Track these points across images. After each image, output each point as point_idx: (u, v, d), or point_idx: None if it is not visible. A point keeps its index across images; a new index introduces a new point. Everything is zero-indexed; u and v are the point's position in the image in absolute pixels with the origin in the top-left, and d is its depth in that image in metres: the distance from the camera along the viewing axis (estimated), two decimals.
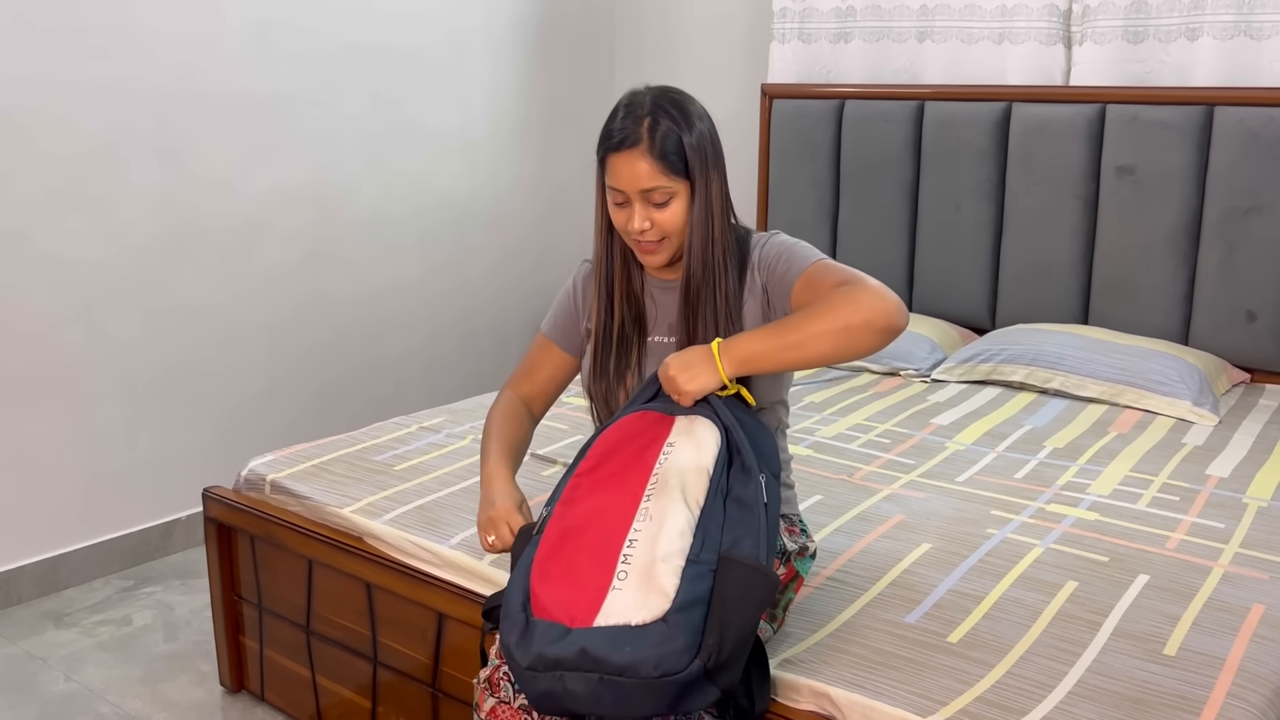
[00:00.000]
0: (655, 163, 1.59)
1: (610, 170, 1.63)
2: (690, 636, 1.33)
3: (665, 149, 1.60)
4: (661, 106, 1.62)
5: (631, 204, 1.63)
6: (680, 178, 1.61)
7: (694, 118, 1.64)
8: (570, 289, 1.87)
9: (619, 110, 1.64)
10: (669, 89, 1.67)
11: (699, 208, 1.64)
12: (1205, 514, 2.15)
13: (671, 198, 1.62)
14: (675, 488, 1.46)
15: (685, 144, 1.61)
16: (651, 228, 1.63)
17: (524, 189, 4.06)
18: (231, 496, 2.36)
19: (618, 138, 1.61)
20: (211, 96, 3.07)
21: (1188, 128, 3.01)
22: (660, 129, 1.60)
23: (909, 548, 1.98)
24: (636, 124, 1.60)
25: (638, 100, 1.64)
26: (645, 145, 1.59)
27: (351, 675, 2.19)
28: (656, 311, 1.77)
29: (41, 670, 2.56)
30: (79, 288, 2.88)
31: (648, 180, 1.60)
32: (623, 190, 1.62)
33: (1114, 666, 1.59)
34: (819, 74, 3.69)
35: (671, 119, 1.61)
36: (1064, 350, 2.96)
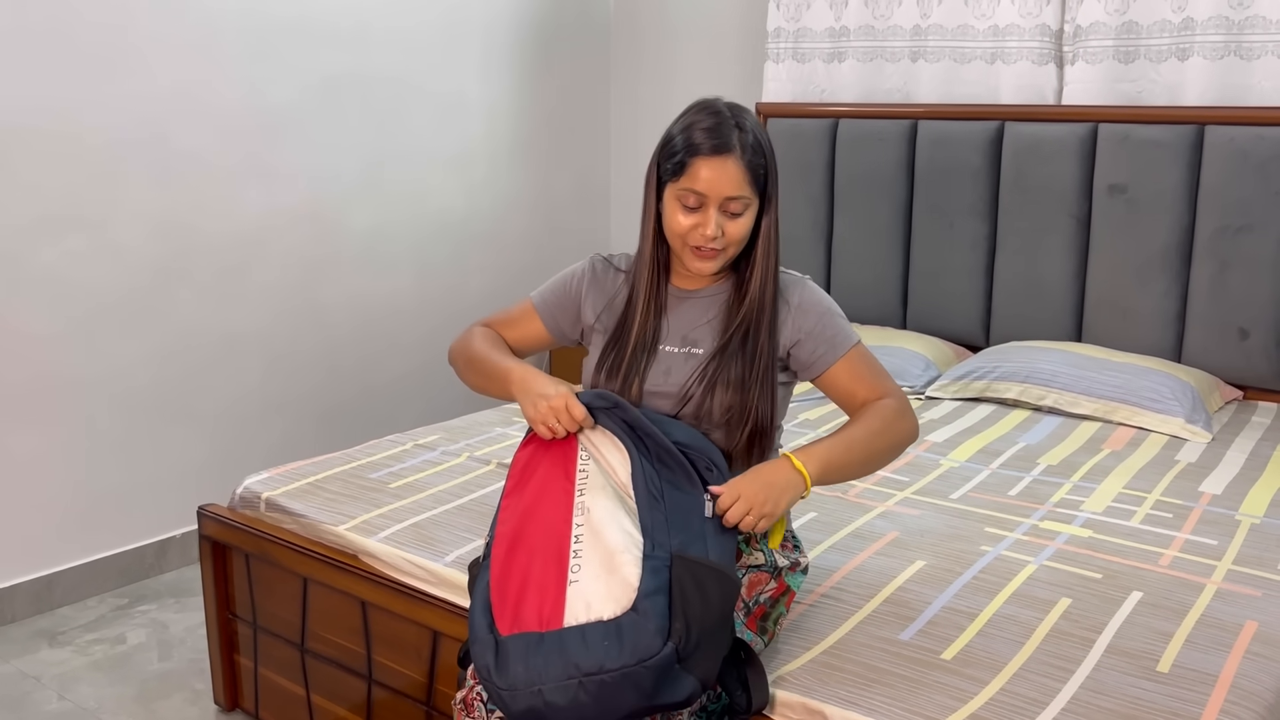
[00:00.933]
0: (745, 171, 1.62)
1: (694, 173, 1.62)
2: (660, 620, 1.38)
3: (754, 160, 1.63)
4: (743, 119, 1.65)
5: (707, 209, 1.64)
6: (758, 192, 1.65)
7: (768, 141, 1.68)
8: (579, 276, 1.86)
9: (704, 116, 1.65)
10: (738, 106, 1.69)
11: (768, 224, 1.69)
12: (1198, 531, 2.16)
13: (745, 209, 1.65)
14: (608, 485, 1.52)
15: (767, 162, 1.65)
16: (721, 235, 1.65)
17: (520, 207, 4.08)
18: (226, 514, 2.36)
19: (714, 141, 1.62)
20: (209, 116, 3.09)
21: (1179, 147, 3.04)
22: (750, 140, 1.63)
23: (903, 565, 1.99)
24: (729, 131, 1.62)
25: (719, 109, 1.66)
26: (738, 152, 1.62)
27: (346, 693, 2.18)
28: (669, 321, 1.77)
29: (35, 689, 2.55)
30: (76, 305, 2.88)
31: (735, 187, 1.62)
32: (704, 194, 1.62)
33: (1107, 683, 1.59)
34: (813, 93, 3.72)
35: (756, 134, 1.65)
36: (1057, 368, 2.98)
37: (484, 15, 3.80)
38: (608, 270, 1.85)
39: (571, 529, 1.49)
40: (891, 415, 1.67)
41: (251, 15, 3.14)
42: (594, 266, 1.86)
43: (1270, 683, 1.60)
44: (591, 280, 1.84)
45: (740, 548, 1.75)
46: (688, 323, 1.76)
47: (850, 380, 1.72)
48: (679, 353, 1.75)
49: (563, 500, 1.52)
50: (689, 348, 1.75)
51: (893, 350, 3.23)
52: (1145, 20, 3.12)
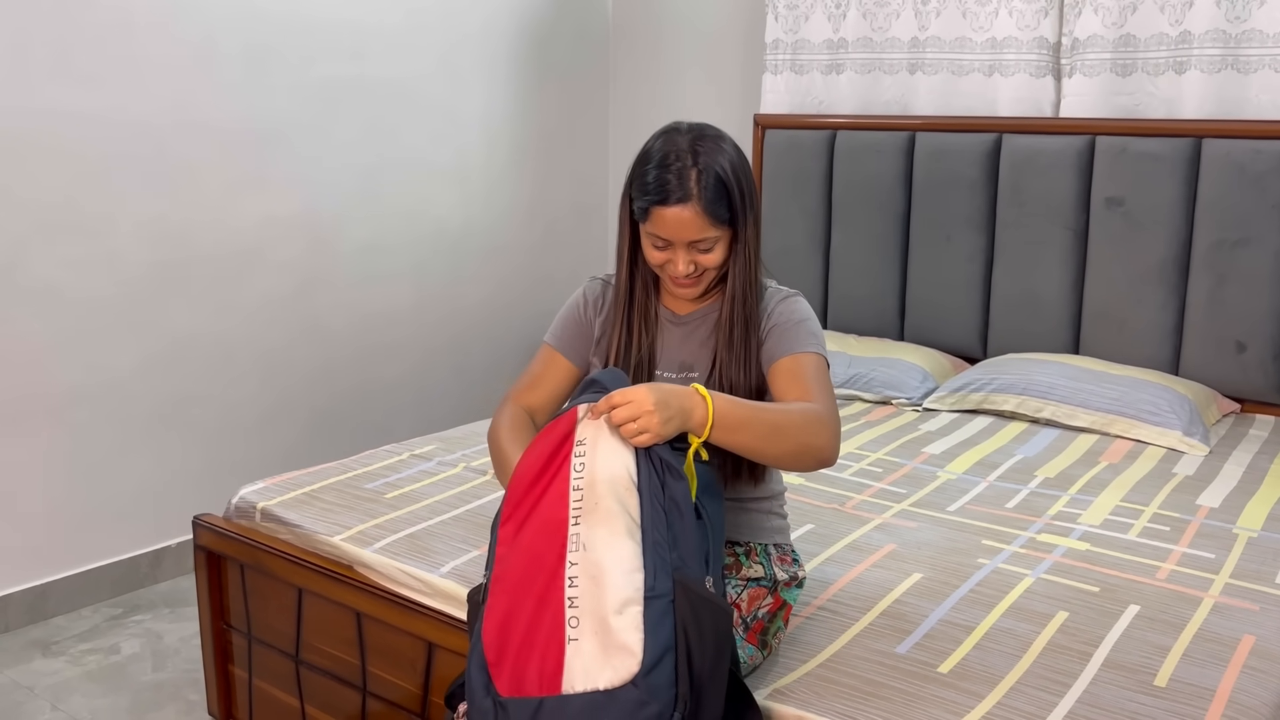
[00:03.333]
0: (704, 216, 1.61)
1: (655, 220, 1.63)
2: (665, 694, 1.31)
3: (714, 202, 1.61)
4: (706, 155, 1.62)
5: (676, 248, 1.64)
6: (725, 226, 1.64)
7: (735, 161, 1.65)
8: (580, 302, 1.84)
9: (665, 159, 1.62)
10: (704, 130, 1.67)
11: (740, 253, 1.68)
12: (1196, 544, 2.15)
13: (715, 244, 1.65)
14: (607, 509, 1.39)
15: (730, 194, 1.62)
16: (695, 269, 1.66)
17: (517, 218, 4.08)
18: (221, 524, 2.35)
19: (669, 194, 1.60)
20: (206, 126, 3.09)
21: (1176, 160, 3.04)
22: (708, 181, 1.61)
23: (900, 577, 1.98)
24: (684, 177, 1.60)
25: (678, 148, 1.63)
26: (695, 200, 1.60)
27: (340, 705, 2.17)
28: (663, 346, 1.76)
29: (28, 700, 2.54)
30: (71, 315, 2.88)
31: (696, 233, 1.62)
32: (668, 240, 1.63)
33: (1104, 698, 1.59)
34: (811, 105, 3.72)
35: (719, 169, 1.61)
36: (1055, 380, 2.97)
37: (482, 27, 3.81)
38: (605, 289, 1.83)
39: (565, 572, 1.38)
40: (812, 417, 1.55)
41: (249, 26, 3.14)
42: (591, 290, 1.84)
43: (1268, 697, 1.60)
44: (595, 301, 1.83)
45: (741, 560, 1.75)
46: (684, 349, 1.75)
47: (789, 377, 1.64)
48: (676, 379, 1.74)
49: (556, 534, 1.41)
50: (685, 373, 1.74)
51: (890, 362, 3.23)
52: (1143, 33, 3.12)
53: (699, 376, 1.72)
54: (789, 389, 1.64)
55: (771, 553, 1.78)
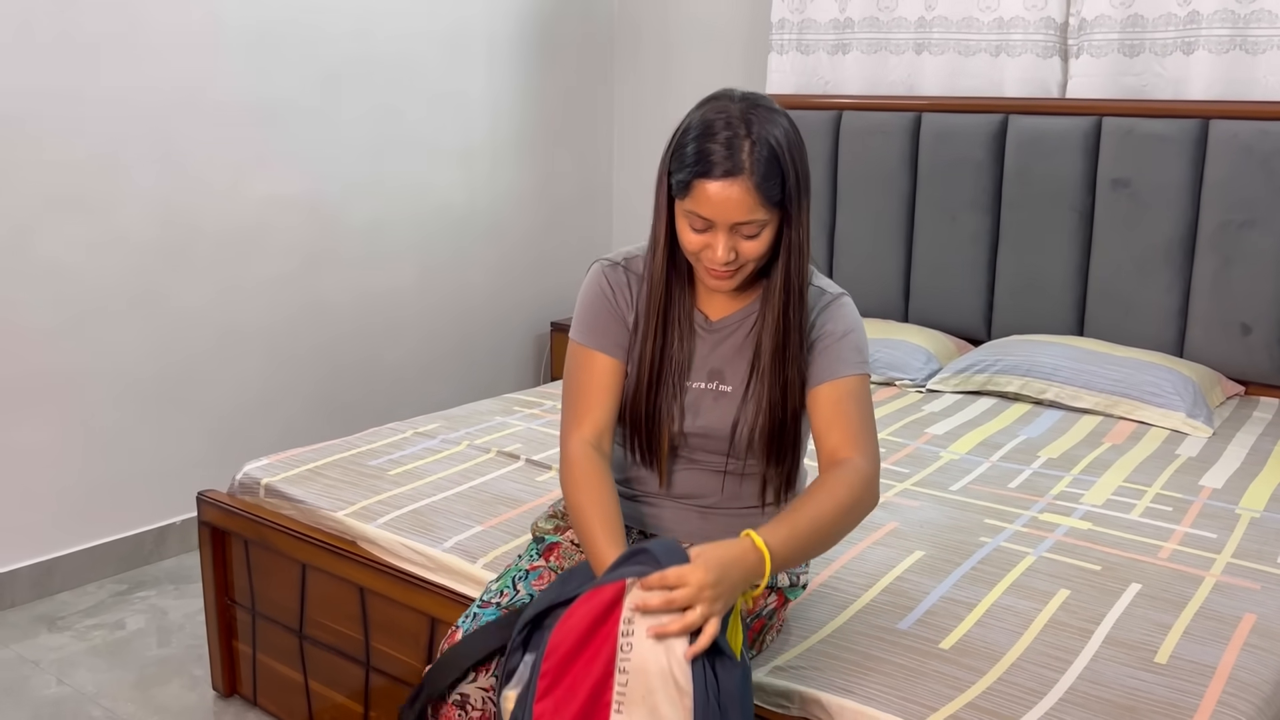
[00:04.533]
0: (756, 195, 1.42)
1: (698, 196, 1.44)
2: None
3: (767, 178, 1.43)
4: (758, 124, 1.44)
5: (717, 232, 1.46)
6: (776, 209, 1.46)
7: (792, 136, 1.46)
8: (605, 290, 1.64)
9: (711, 128, 1.44)
10: (758, 99, 1.47)
11: (789, 244, 1.50)
12: (1198, 524, 2.16)
13: (762, 229, 1.47)
14: (652, 707, 1.28)
15: (785, 173, 1.44)
16: (735, 259, 1.48)
17: (522, 198, 4.07)
18: (226, 500, 2.36)
19: (714, 165, 1.42)
20: (211, 105, 3.08)
21: (1183, 141, 3.03)
22: (764, 155, 1.42)
23: (902, 555, 1.98)
24: (734, 148, 1.42)
25: (729, 115, 1.44)
26: (748, 174, 1.42)
27: (344, 680, 2.19)
28: (696, 352, 1.62)
29: (34, 674, 2.56)
30: (77, 293, 2.88)
31: (744, 212, 1.43)
32: (710, 219, 1.45)
33: (1105, 674, 1.59)
34: (817, 85, 3.71)
35: (775, 143, 1.43)
36: (1059, 361, 2.97)
37: (487, 9, 3.80)
38: (618, 272, 1.65)
39: None
40: (860, 487, 1.48)
41: (255, 5, 3.13)
42: (613, 277, 1.64)
43: (1268, 674, 1.60)
44: (622, 290, 1.64)
45: None
46: (715, 355, 1.61)
47: (832, 411, 1.53)
48: (706, 389, 1.61)
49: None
50: (715, 383, 1.61)
51: (894, 343, 3.23)
52: (1150, 13, 3.11)
53: (731, 391, 1.59)
54: (830, 428, 1.53)
55: None
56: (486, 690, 1.53)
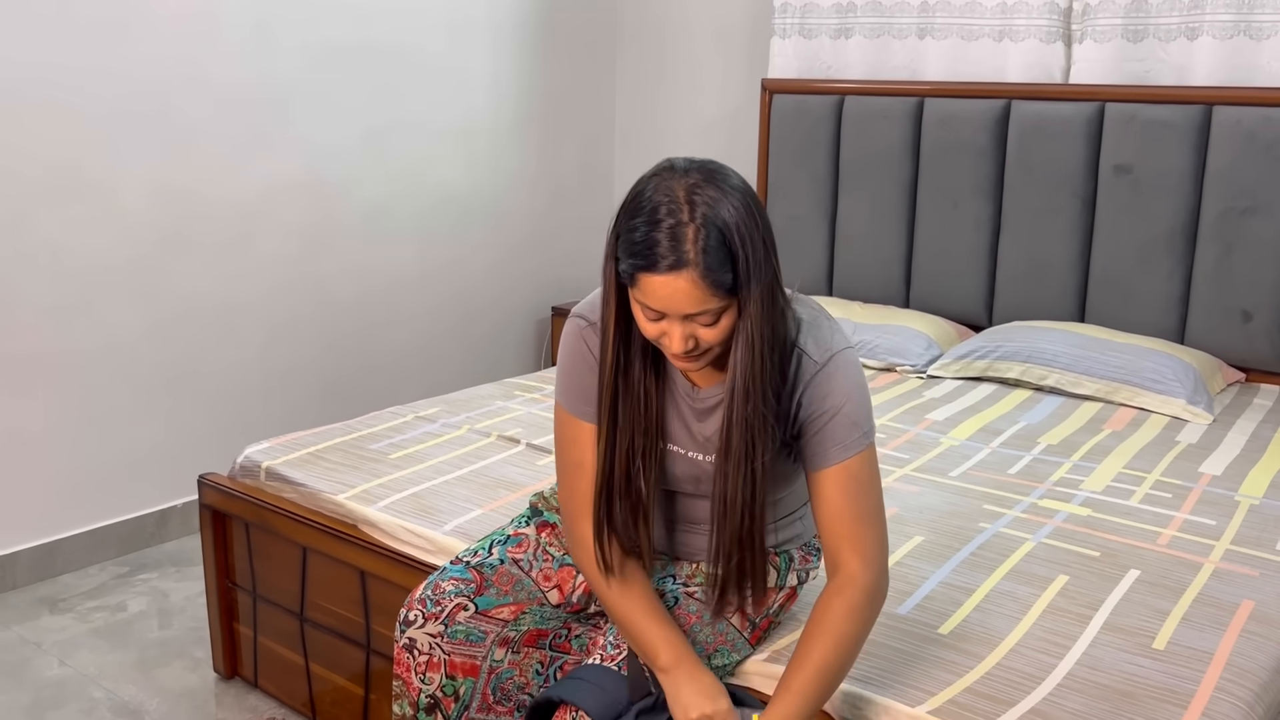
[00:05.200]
0: (705, 286, 1.30)
1: (644, 289, 1.32)
2: None
3: (716, 267, 1.29)
4: (704, 205, 1.30)
5: (671, 320, 1.35)
6: (730, 295, 1.33)
7: (743, 212, 1.32)
8: (581, 354, 1.54)
9: (655, 213, 1.30)
10: (706, 172, 1.33)
11: (744, 330, 1.36)
12: (1197, 511, 2.16)
13: (719, 316, 1.35)
14: None
15: (736, 257, 1.31)
16: (695, 346, 1.37)
17: (524, 182, 4.07)
18: (226, 483, 2.36)
19: (658, 258, 1.29)
20: (211, 87, 3.08)
21: (1186, 127, 3.02)
22: (712, 242, 1.29)
23: (901, 540, 1.99)
24: (678, 238, 1.29)
25: (672, 197, 1.31)
26: (693, 266, 1.29)
27: (345, 662, 2.19)
28: (679, 419, 1.53)
29: (36, 655, 2.57)
30: (77, 276, 2.88)
31: (695, 305, 1.32)
32: (661, 311, 1.34)
33: (1103, 660, 1.60)
34: (819, 69, 3.70)
35: (723, 225, 1.29)
36: (1059, 348, 2.97)
37: None
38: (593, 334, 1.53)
39: None
40: (863, 606, 1.43)
41: None
42: (584, 340, 1.54)
43: (1265, 660, 1.60)
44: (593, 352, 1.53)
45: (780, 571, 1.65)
46: (704, 425, 1.52)
47: (827, 505, 1.45)
48: (689, 457, 1.54)
49: None
50: (702, 455, 1.53)
51: (895, 329, 3.23)
52: None
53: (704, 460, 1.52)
54: (828, 525, 1.46)
55: (794, 556, 1.65)
56: (434, 636, 1.61)
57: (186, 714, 2.35)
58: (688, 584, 1.63)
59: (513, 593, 1.66)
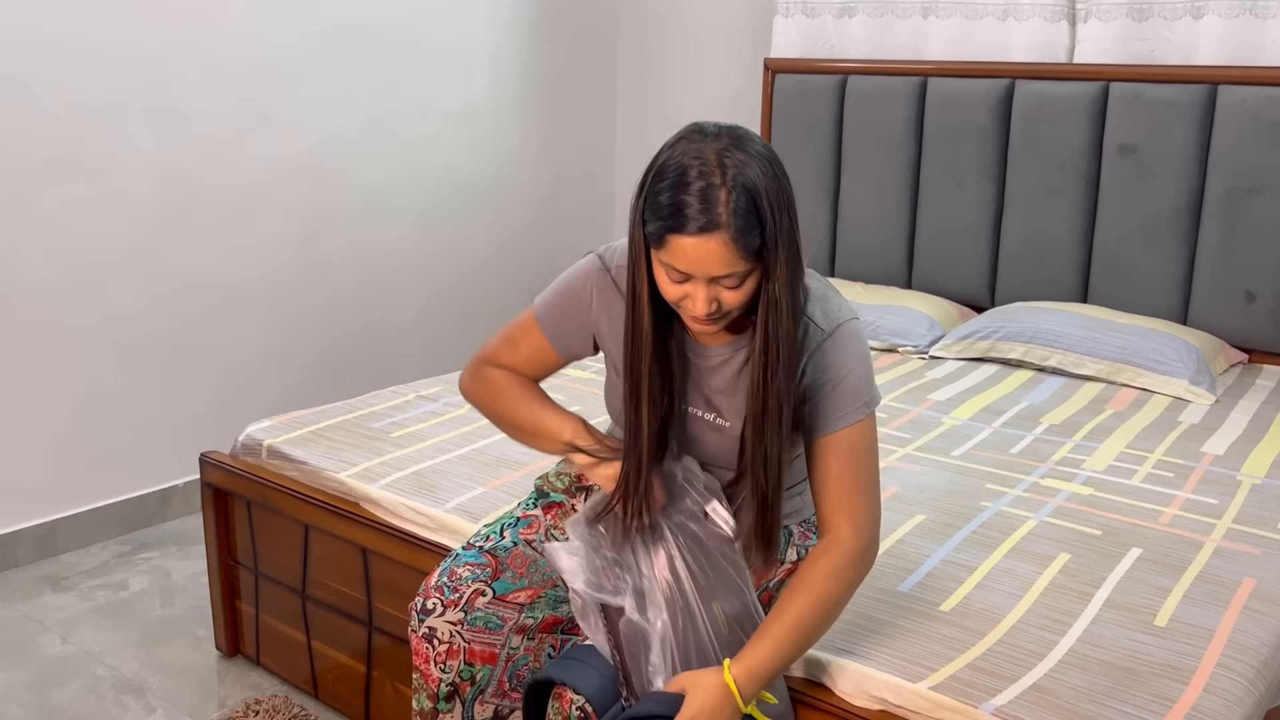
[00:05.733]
0: (735, 248, 1.31)
1: (673, 250, 1.33)
2: None
3: (745, 230, 1.31)
4: (735, 168, 1.31)
5: (695, 282, 1.36)
6: (756, 259, 1.35)
7: (771, 176, 1.34)
8: (583, 292, 1.57)
9: (685, 175, 1.32)
10: (735, 136, 1.35)
11: (768, 300, 1.37)
12: (1200, 490, 2.16)
13: (743, 280, 1.36)
14: None
15: (765, 221, 1.32)
16: (717, 309, 1.38)
17: (525, 162, 4.05)
18: (228, 461, 2.36)
19: (689, 219, 1.30)
20: (212, 65, 3.06)
21: (1191, 107, 3.00)
22: (743, 205, 1.30)
23: (903, 519, 1.99)
24: (712, 200, 1.30)
25: (704, 159, 1.32)
26: (725, 228, 1.30)
27: (347, 640, 2.20)
28: (690, 378, 1.54)
29: (39, 632, 2.57)
30: (78, 254, 2.87)
31: (724, 267, 1.33)
32: (687, 273, 1.35)
33: (1105, 636, 1.60)
34: (822, 49, 3.68)
35: (754, 189, 1.31)
36: (1062, 328, 2.96)
37: None
38: (613, 291, 1.55)
39: None
40: (847, 569, 1.46)
41: None
42: (598, 281, 1.56)
43: (1266, 638, 1.61)
44: (599, 294, 1.56)
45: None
46: (709, 385, 1.53)
47: (824, 470, 1.48)
48: (703, 418, 1.55)
49: None
50: (714, 415, 1.54)
51: (897, 310, 3.22)
52: None
53: (729, 427, 1.53)
54: (822, 490, 1.48)
55: (794, 532, 1.65)
56: (454, 624, 1.59)
57: (189, 691, 2.35)
58: None
59: (528, 575, 1.65)
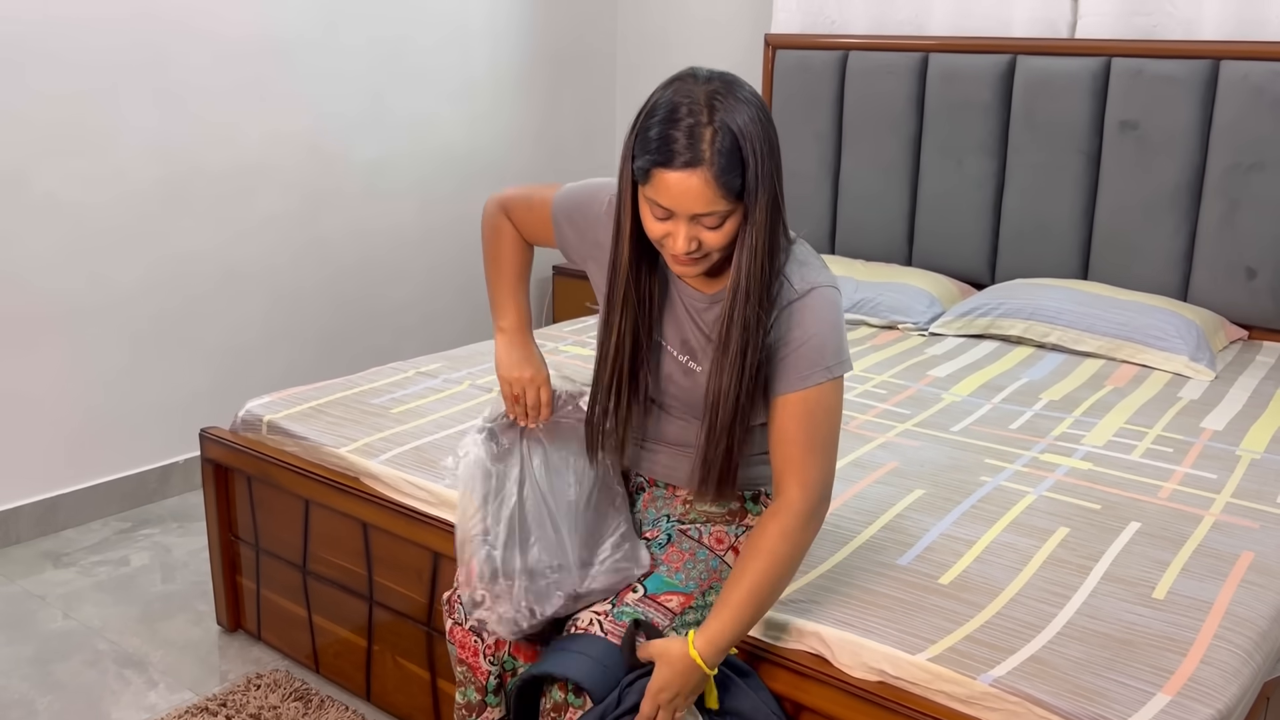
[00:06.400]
0: (716, 187, 1.35)
1: (657, 185, 1.37)
2: None
3: (727, 169, 1.35)
4: (721, 110, 1.35)
5: (678, 220, 1.40)
6: (738, 200, 1.39)
7: (758, 123, 1.38)
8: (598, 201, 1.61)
9: (675, 112, 1.36)
10: (728, 81, 1.39)
11: (748, 238, 1.41)
12: (1199, 465, 2.16)
13: (724, 220, 1.40)
14: None
15: (747, 164, 1.36)
16: (698, 248, 1.42)
17: (525, 139, 4.04)
18: (228, 437, 2.37)
19: (675, 154, 1.35)
20: (211, 40, 3.05)
21: (1193, 82, 2.99)
22: (726, 145, 1.34)
23: (902, 493, 1.99)
24: (695, 136, 1.34)
25: (693, 99, 1.36)
26: (708, 165, 1.34)
27: (347, 615, 2.20)
28: (667, 315, 1.59)
29: (40, 608, 2.58)
30: (78, 231, 2.87)
31: (705, 205, 1.36)
32: (670, 209, 1.39)
33: (1103, 609, 1.60)
34: (823, 24, 3.66)
35: (738, 130, 1.35)
36: (1062, 305, 2.96)
37: None
38: None
39: None
40: (796, 530, 1.48)
41: None
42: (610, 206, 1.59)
43: (1264, 610, 1.61)
44: (610, 214, 1.58)
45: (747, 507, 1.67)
46: (686, 325, 1.57)
47: (779, 429, 1.50)
48: (677, 359, 1.59)
49: None
50: (687, 358, 1.58)
51: (897, 287, 3.22)
52: None
53: (699, 373, 1.56)
54: (776, 447, 1.51)
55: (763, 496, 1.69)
56: None
57: (190, 666, 2.36)
58: (682, 521, 1.65)
59: None
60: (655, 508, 1.69)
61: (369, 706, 2.21)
